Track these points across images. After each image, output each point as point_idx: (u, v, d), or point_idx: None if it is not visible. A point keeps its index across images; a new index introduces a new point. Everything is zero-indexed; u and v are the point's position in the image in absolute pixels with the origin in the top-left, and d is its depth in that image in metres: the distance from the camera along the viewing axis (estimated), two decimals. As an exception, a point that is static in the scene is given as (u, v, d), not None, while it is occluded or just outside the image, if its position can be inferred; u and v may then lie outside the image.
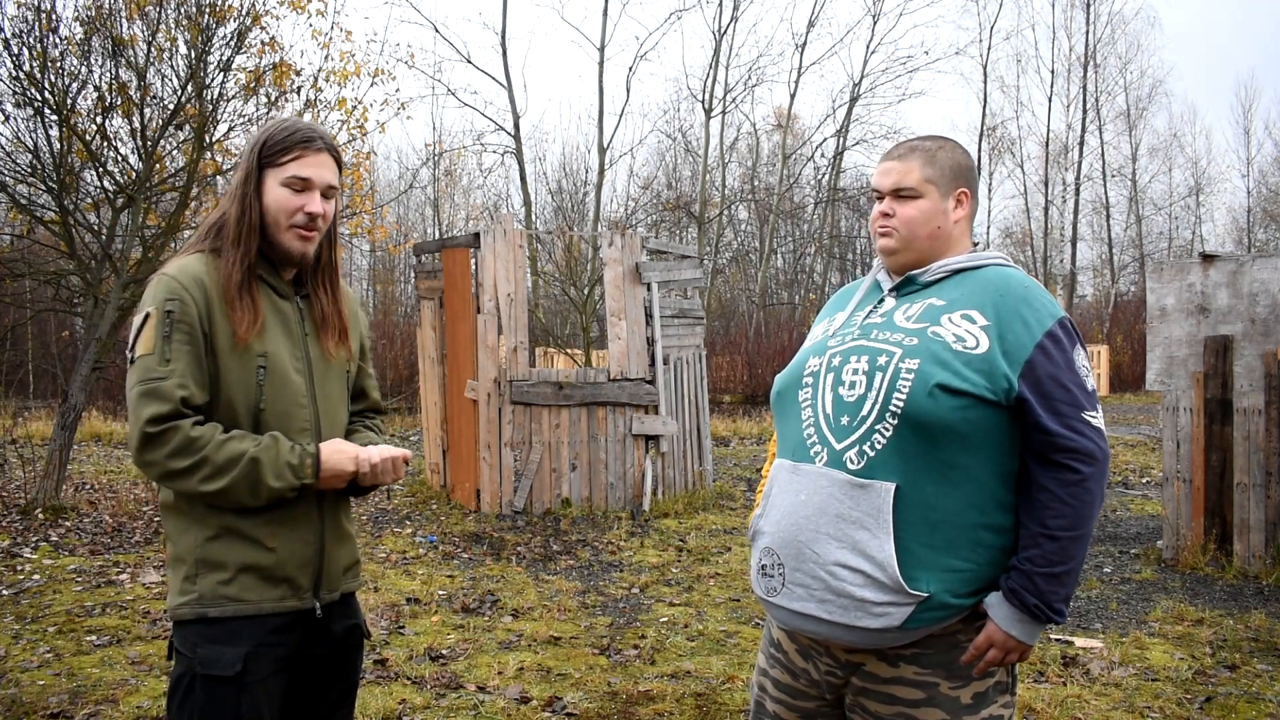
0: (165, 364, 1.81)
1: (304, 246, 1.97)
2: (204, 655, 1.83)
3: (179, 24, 8.48)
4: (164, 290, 1.86)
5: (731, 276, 30.82)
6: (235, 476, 1.80)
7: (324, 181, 1.96)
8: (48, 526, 7.36)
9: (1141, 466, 11.09)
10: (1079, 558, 1.73)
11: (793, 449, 1.85)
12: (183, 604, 1.87)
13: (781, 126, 28.58)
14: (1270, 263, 6.16)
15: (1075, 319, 29.99)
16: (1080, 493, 1.71)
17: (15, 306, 11.19)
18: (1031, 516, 1.73)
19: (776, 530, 1.82)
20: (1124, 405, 20.09)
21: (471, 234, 8.51)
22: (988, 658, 1.75)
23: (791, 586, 1.77)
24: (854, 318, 1.94)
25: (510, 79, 25.81)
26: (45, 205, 8.45)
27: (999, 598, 1.74)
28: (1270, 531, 6.03)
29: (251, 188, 1.94)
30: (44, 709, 3.84)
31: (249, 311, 1.88)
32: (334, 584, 2.01)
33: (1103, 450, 1.74)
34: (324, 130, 2.02)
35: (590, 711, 3.91)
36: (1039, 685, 4.18)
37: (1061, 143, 30.97)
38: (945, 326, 1.78)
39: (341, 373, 2.08)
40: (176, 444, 1.78)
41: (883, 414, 1.73)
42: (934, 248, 1.91)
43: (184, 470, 1.79)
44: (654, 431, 8.54)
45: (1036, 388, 1.72)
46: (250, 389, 1.89)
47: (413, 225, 31.62)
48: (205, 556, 1.87)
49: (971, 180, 1.95)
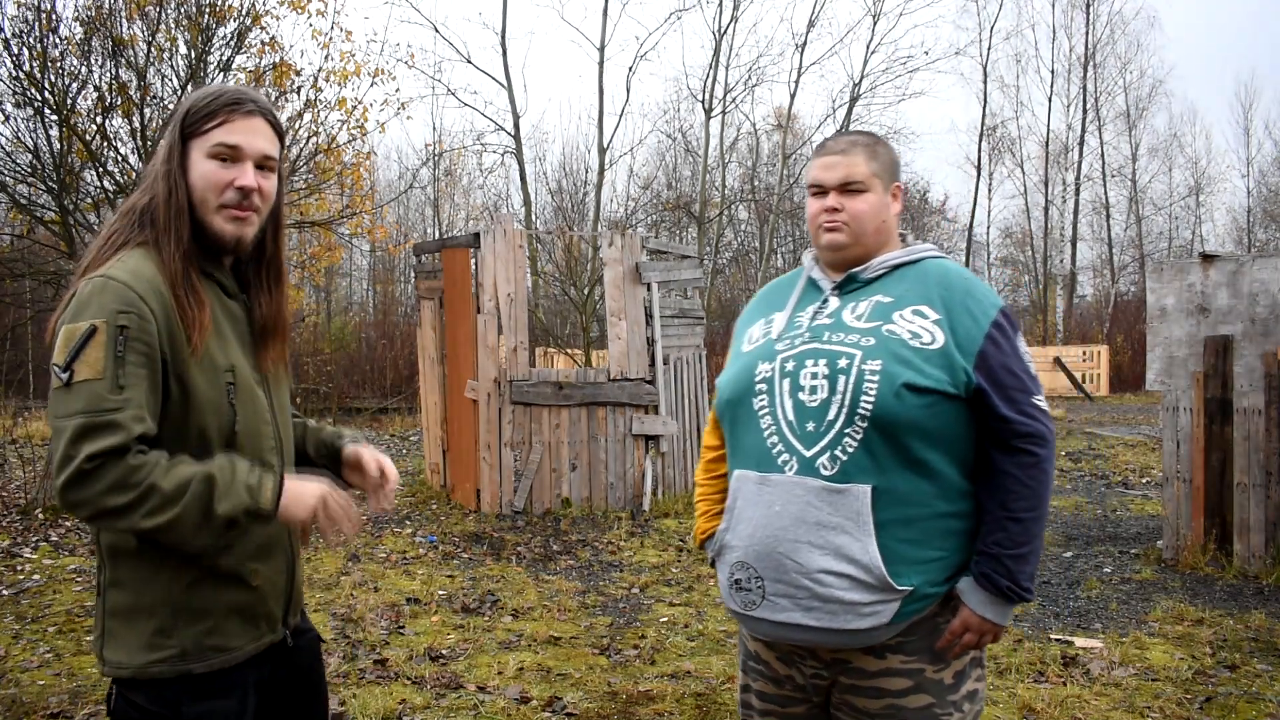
0: (119, 392, 1.50)
1: (238, 230, 1.66)
2: (193, 713, 1.62)
3: (179, 24, 8.48)
4: (115, 299, 1.53)
5: (731, 276, 30.81)
6: (186, 502, 1.50)
7: (256, 150, 1.65)
8: (48, 526, 7.35)
9: (1141, 466, 11.08)
10: (1040, 536, 1.80)
11: (757, 459, 1.82)
12: (155, 661, 1.61)
13: (781, 126, 28.57)
14: (1270, 263, 6.15)
15: (1075, 319, 30.05)
16: (1038, 474, 1.77)
17: (15, 306, 11.19)
18: (994, 500, 1.78)
19: (750, 544, 1.79)
20: (1124, 405, 20.08)
21: (471, 234, 8.51)
22: (964, 641, 1.79)
23: (773, 599, 1.77)
24: (798, 319, 1.91)
25: (510, 79, 25.83)
26: (45, 205, 8.45)
27: (971, 583, 1.79)
28: (1270, 531, 6.03)
29: (175, 163, 1.63)
30: (44, 709, 3.85)
31: (197, 311, 1.60)
32: (298, 607, 1.86)
33: (1052, 431, 1.81)
34: (257, 94, 1.72)
35: (590, 711, 3.91)
36: (1039, 685, 4.18)
37: (1061, 143, 30.96)
38: (899, 323, 1.79)
39: (287, 380, 1.86)
40: (114, 478, 1.48)
41: (851, 417, 1.73)
42: (878, 242, 1.93)
43: (125, 506, 1.49)
44: (654, 431, 8.55)
45: (991, 377, 1.77)
46: (223, 409, 1.63)
47: (413, 225, 31.62)
48: (186, 605, 1.62)
49: (900, 176, 2.00)
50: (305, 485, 1.63)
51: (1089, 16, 30.58)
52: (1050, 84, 30.97)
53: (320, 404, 17.15)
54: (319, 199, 10.05)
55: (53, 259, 9.42)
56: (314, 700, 1.91)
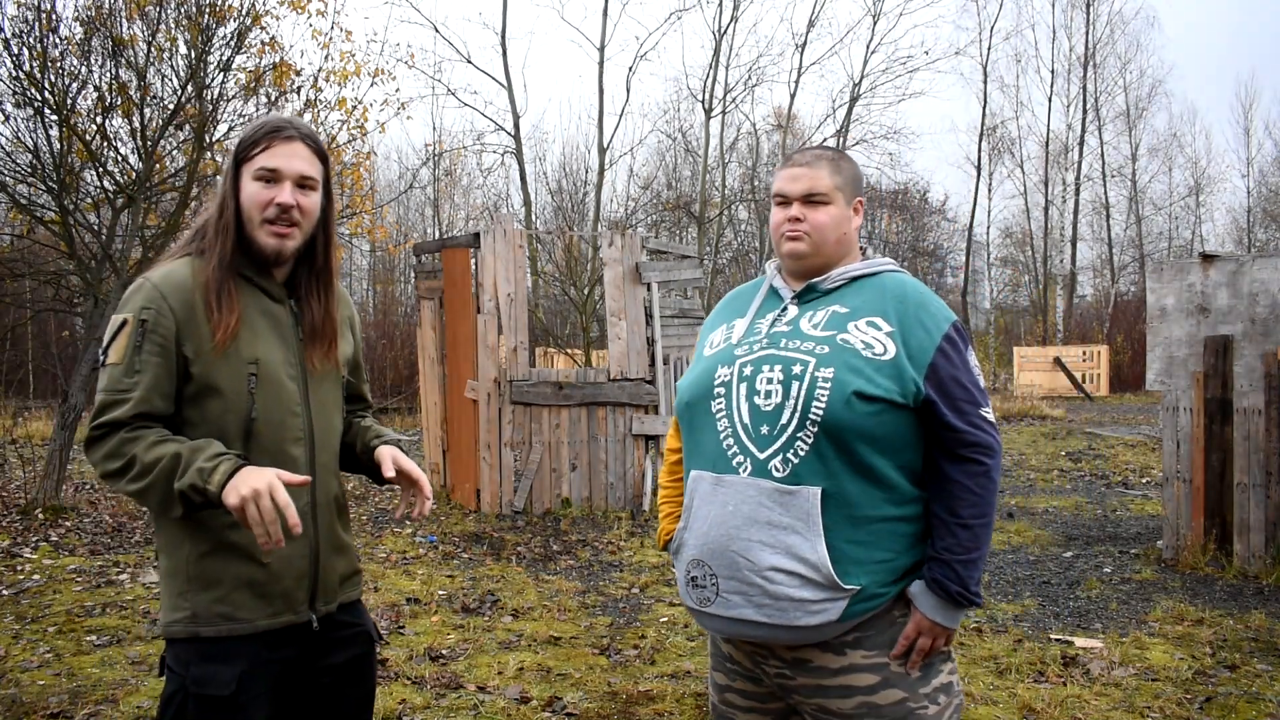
0: (132, 375, 1.76)
1: (279, 244, 1.86)
2: (197, 674, 1.77)
3: (179, 24, 8.48)
4: (142, 298, 1.80)
5: (731, 276, 30.82)
6: (155, 475, 1.70)
7: (295, 171, 1.85)
8: (48, 526, 7.35)
9: (1141, 466, 11.09)
10: (987, 542, 1.86)
11: (712, 460, 1.87)
12: (175, 621, 1.80)
13: (781, 126, 28.58)
14: (1270, 263, 6.15)
15: (1075, 319, 30.06)
16: (986, 482, 1.84)
17: (15, 306, 11.20)
18: (944, 507, 1.84)
19: (704, 542, 1.85)
20: (1124, 405, 20.08)
21: (471, 234, 8.52)
22: (918, 645, 1.84)
23: (726, 595, 1.82)
24: (757, 325, 1.97)
25: (510, 79, 25.80)
26: (45, 205, 8.44)
27: (922, 587, 1.84)
28: (1270, 531, 6.03)
29: (229, 185, 1.86)
30: (44, 709, 3.84)
31: (226, 314, 1.80)
32: (330, 595, 1.94)
33: (999, 442, 1.89)
34: (301, 121, 1.92)
35: (590, 711, 3.92)
36: (1039, 685, 4.18)
37: (1061, 143, 30.97)
38: (853, 334, 1.85)
39: (336, 378, 2.00)
40: (110, 447, 1.74)
41: (803, 422, 1.78)
42: (838, 253, 1.99)
43: (116, 471, 1.73)
44: (654, 431, 8.54)
45: (940, 389, 1.83)
46: (241, 398, 1.81)
47: (413, 225, 31.62)
48: (199, 573, 1.80)
49: (862, 191, 2.05)
50: (252, 475, 1.67)
51: (1089, 16, 30.61)
52: (1050, 84, 31.02)
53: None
54: (319, 199, 10.00)
55: (53, 259, 9.42)
56: (353, 695, 1.98)
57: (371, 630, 2.04)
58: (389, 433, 2.10)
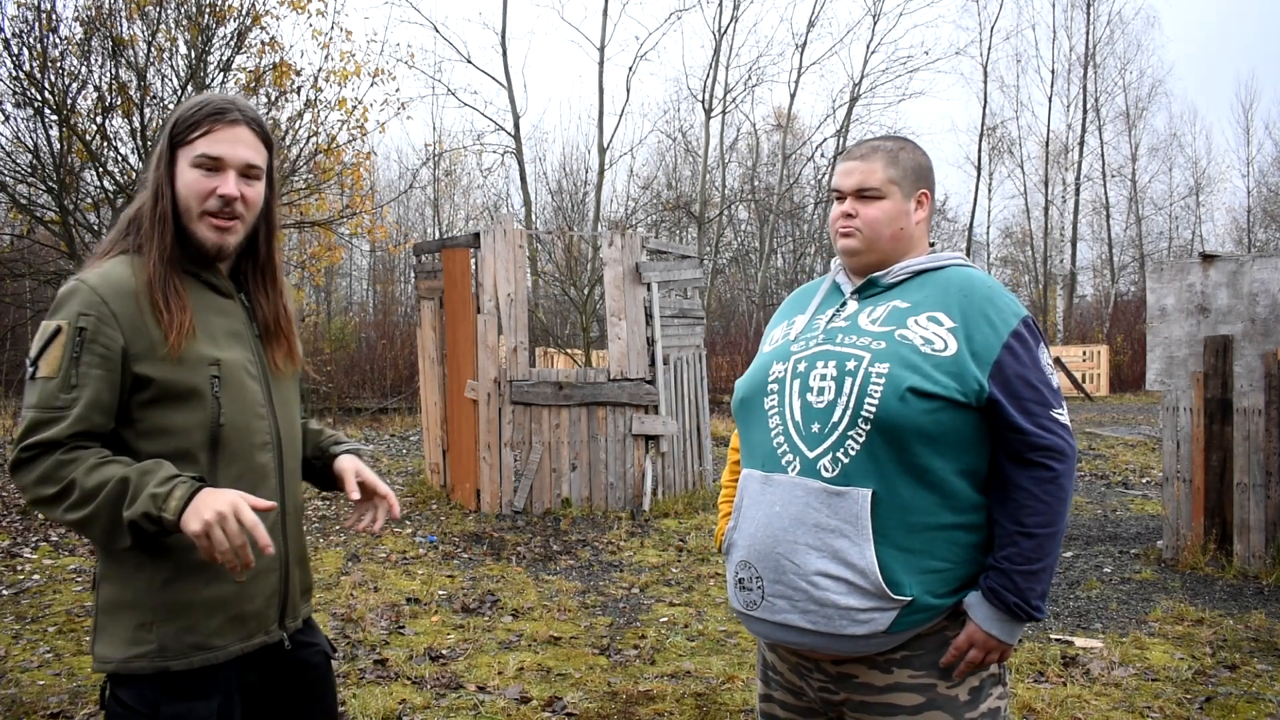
0: (69, 389, 1.57)
1: (220, 238, 1.69)
2: (170, 713, 1.61)
3: (179, 24, 8.48)
4: (79, 303, 1.60)
5: (731, 276, 30.82)
6: (99, 503, 1.52)
7: (239, 160, 1.68)
8: (48, 526, 7.35)
9: (1141, 466, 11.08)
10: (1054, 554, 1.75)
11: (763, 459, 1.81)
12: (136, 657, 1.61)
13: (781, 126, 28.57)
14: (1270, 263, 6.15)
15: (1075, 319, 30.05)
16: (1054, 489, 1.73)
17: (15, 306, 11.20)
18: (1007, 515, 1.74)
19: (752, 543, 1.78)
20: (1124, 405, 20.08)
21: (471, 234, 8.52)
22: (969, 658, 1.75)
23: (772, 599, 1.75)
24: (816, 321, 1.91)
25: (510, 79, 25.80)
26: (45, 205, 8.45)
27: (978, 597, 1.74)
28: (1270, 531, 6.03)
29: (163, 172, 1.68)
30: (44, 709, 3.85)
31: (177, 314, 1.62)
32: (296, 611, 1.82)
33: (1071, 446, 1.76)
34: (245, 102, 1.74)
35: (590, 711, 3.91)
36: (1039, 685, 4.18)
37: (1061, 143, 30.97)
38: (912, 329, 1.77)
39: (296, 378, 1.87)
40: (43, 470, 1.55)
41: (855, 420, 1.71)
42: (896, 249, 1.90)
43: (51, 498, 1.55)
44: (654, 431, 8.54)
45: (1006, 388, 1.73)
46: (206, 403, 1.64)
47: (413, 225, 31.62)
48: (164, 601, 1.62)
49: (931, 182, 1.94)
50: (212, 497, 1.52)
51: (1089, 16, 30.60)
52: (1050, 84, 31.00)
53: (320, 404, 17.16)
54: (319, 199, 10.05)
55: (53, 259, 9.43)
56: (319, 706, 1.88)
57: (326, 647, 1.93)
58: (343, 438, 1.98)
